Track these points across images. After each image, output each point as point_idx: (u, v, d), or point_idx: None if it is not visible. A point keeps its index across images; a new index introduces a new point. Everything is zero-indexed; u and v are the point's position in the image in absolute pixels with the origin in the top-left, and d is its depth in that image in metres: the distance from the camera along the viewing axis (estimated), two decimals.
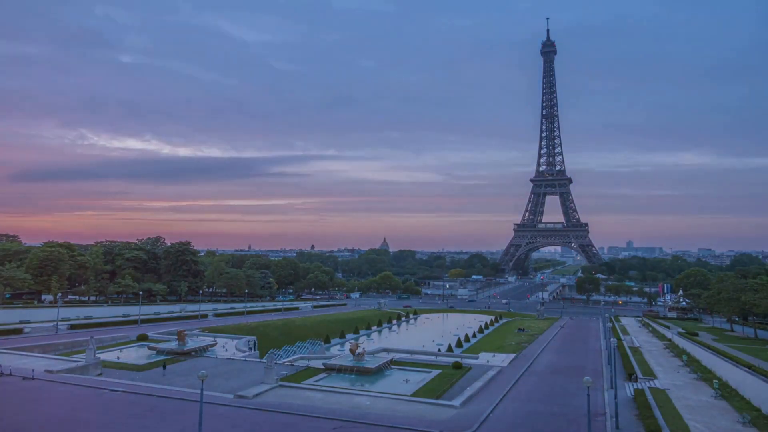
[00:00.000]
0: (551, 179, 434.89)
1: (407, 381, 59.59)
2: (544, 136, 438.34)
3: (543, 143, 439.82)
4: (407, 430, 38.30)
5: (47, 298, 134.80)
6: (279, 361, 66.20)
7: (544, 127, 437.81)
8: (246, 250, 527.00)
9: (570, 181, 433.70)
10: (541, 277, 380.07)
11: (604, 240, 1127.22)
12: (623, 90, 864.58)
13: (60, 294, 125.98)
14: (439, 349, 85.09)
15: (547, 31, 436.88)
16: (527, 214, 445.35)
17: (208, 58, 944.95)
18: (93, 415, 40.35)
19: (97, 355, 59.92)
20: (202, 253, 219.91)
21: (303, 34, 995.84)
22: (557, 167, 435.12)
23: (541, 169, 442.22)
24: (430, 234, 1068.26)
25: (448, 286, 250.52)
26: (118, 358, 68.33)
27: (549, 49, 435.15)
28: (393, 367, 67.28)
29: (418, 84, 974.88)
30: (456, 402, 47.32)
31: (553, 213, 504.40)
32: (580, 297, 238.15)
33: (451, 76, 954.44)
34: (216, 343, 78.86)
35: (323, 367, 64.19)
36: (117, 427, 37.81)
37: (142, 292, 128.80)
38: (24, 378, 50.89)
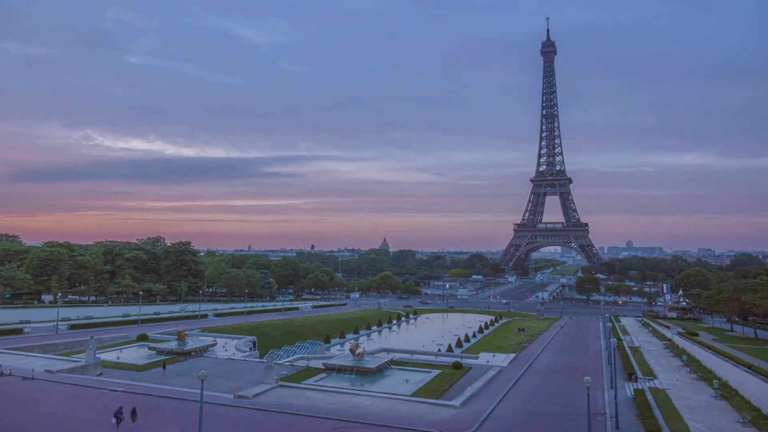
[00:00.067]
0: (551, 179, 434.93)
1: (407, 381, 59.59)
2: (544, 136, 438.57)
3: (543, 143, 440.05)
4: (407, 430, 38.30)
5: (47, 298, 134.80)
6: (279, 361, 66.24)
7: (544, 127, 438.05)
8: (246, 250, 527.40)
9: (570, 181, 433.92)
10: (541, 278, 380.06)
11: (604, 240, 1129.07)
12: (625, 90, 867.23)
13: (60, 294, 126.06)
14: (439, 349, 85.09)
15: (547, 31, 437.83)
16: (527, 214, 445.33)
17: (216, 60, 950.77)
18: (93, 415, 40.36)
19: (97, 355, 59.96)
20: (202, 253, 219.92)
21: (311, 35, 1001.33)
22: (557, 167, 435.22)
23: (541, 169, 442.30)
24: (430, 234, 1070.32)
25: (448, 286, 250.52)
26: (118, 358, 68.35)
27: (549, 49, 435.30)
28: (393, 367, 67.28)
29: (422, 85, 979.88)
30: (456, 402, 47.32)
31: (553, 213, 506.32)
32: (580, 297, 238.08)
33: (455, 76, 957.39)
34: (216, 343, 78.89)
35: (323, 367, 64.19)
36: (117, 427, 37.80)
37: (142, 292, 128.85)
38: (24, 378, 50.91)
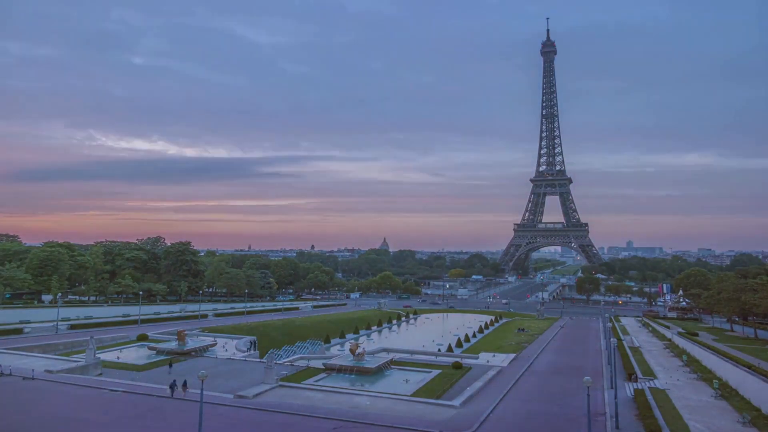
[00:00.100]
0: (551, 179, 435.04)
1: (407, 381, 59.57)
2: (544, 136, 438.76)
3: (543, 143, 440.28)
4: (407, 430, 38.29)
5: (47, 298, 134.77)
6: (279, 361, 66.25)
7: (544, 127, 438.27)
8: (246, 250, 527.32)
9: (570, 181, 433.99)
10: (541, 278, 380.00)
11: (604, 240, 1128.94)
12: (626, 91, 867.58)
13: (60, 294, 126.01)
14: (439, 349, 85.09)
15: (547, 31, 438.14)
16: (527, 214, 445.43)
17: (219, 60, 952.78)
18: (93, 415, 40.36)
19: (97, 355, 59.95)
20: (202, 253, 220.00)
21: (313, 36, 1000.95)
22: (557, 167, 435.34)
23: (541, 169, 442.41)
24: (430, 234, 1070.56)
25: (448, 286, 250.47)
26: (118, 358, 68.33)
27: (549, 49, 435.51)
28: (393, 367, 67.26)
29: (424, 85, 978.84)
30: (456, 402, 47.31)
31: (553, 213, 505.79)
32: (580, 297, 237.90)
33: (456, 77, 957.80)
34: (216, 343, 78.87)
35: (323, 367, 64.17)
36: (117, 427, 37.84)
37: (142, 292, 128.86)
38: (24, 378, 50.88)
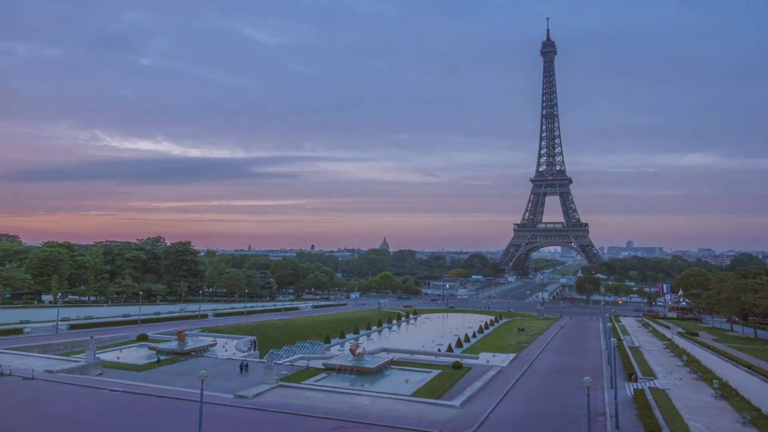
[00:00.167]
0: (551, 179, 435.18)
1: (407, 381, 59.54)
2: (544, 136, 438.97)
3: (543, 143, 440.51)
4: (407, 430, 38.26)
5: (47, 298, 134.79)
6: (279, 361, 66.24)
7: (544, 127, 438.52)
8: (246, 250, 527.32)
9: (570, 181, 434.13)
10: (541, 277, 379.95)
11: (604, 240, 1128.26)
12: (628, 91, 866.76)
13: (60, 294, 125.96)
14: (439, 349, 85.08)
15: (547, 31, 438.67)
16: (527, 214, 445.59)
17: (225, 61, 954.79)
18: (93, 415, 40.33)
19: (97, 355, 59.89)
20: (202, 253, 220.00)
21: (320, 37, 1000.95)
22: (557, 167, 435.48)
23: (541, 169, 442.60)
24: (430, 234, 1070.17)
25: (448, 286, 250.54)
26: (118, 358, 68.30)
27: (549, 49, 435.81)
28: (393, 367, 67.23)
29: (428, 86, 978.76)
30: (456, 402, 47.29)
31: (553, 213, 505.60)
32: (580, 297, 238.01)
33: (459, 77, 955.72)
34: (216, 343, 78.84)
35: (323, 367, 64.15)
36: (117, 427, 37.81)
37: (142, 292, 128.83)
38: (24, 378, 50.84)
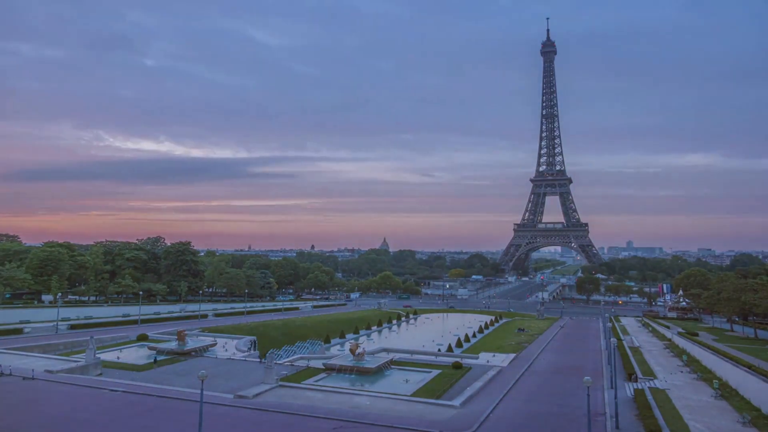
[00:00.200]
0: (551, 179, 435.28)
1: (407, 381, 59.54)
2: (544, 136, 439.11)
3: (543, 143, 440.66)
4: (407, 430, 38.25)
5: (47, 298, 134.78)
6: (279, 361, 66.19)
7: (544, 127, 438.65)
8: (246, 250, 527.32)
9: (570, 181, 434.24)
10: (541, 277, 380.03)
11: (604, 240, 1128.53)
12: (630, 92, 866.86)
13: (60, 294, 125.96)
14: (439, 349, 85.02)
15: (547, 31, 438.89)
16: (527, 214, 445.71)
17: (229, 62, 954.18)
18: (93, 415, 40.33)
19: (97, 355, 59.88)
20: (202, 253, 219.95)
21: (324, 37, 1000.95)
22: (557, 167, 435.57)
23: (541, 169, 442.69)
24: (430, 234, 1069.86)
25: (448, 286, 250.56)
26: (118, 358, 68.31)
27: (549, 49, 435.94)
28: (393, 367, 67.24)
29: (431, 86, 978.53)
30: (456, 402, 47.29)
31: (553, 213, 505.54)
32: (580, 297, 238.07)
33: (463, 78, 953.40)
34: (216, 343, 78.85)
35: (323, 367, 64.14)
36: (117, 427, 37.81)
37: (142, 292, 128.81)
38: (24, 378, 50.83)
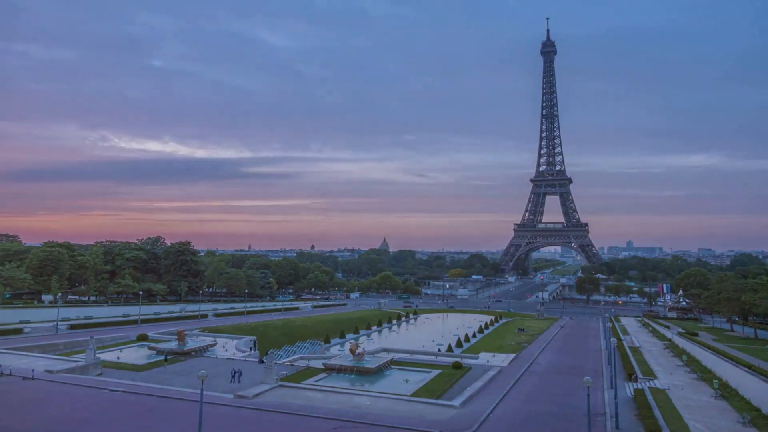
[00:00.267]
0: (551, 179, 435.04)
1: (407, 381, 59.58)
2: (544, 136, 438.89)
3: (543, 143, 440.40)
4: (407, 430, 38.26)
5: (47, 298, 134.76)
6: (279, 361, 66.22)
7: (544, 127, 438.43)
8: (246, 250, 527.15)
9: (570, 181, 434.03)
10: (541, 277, 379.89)
11: (604, 240, 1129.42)
12: (632, 93, 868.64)
13: (60, 294, 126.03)
14: (439, 349, 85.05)
15: (547, 31, 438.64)
16: (527, 214, 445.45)
17: (237, 63, 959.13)
18: (93, 415, 40.33)
19: (97, 355, 59.91)
20: (202, 253, 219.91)
21: (333, 40, 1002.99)
22: (557, 167, 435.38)
23: (541, 169, 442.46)
24: (430, 234, 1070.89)
25: (448, 286, 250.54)
26: (118, 358, 68.32)
27: (549, 49, 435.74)
28: (393, 367, 67.27)
29: (436, 87, 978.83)
30: (456, 402, 47.30)
31: (553, 213, 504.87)
32: (580, 297, 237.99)
33: (470, 78, 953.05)
34: (216, 343, 78.87)
35: (323, 367, 64.16)
36: (117, 427, 37.81)
37: (142, 292, 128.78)
38: (24, 378, 50.84)
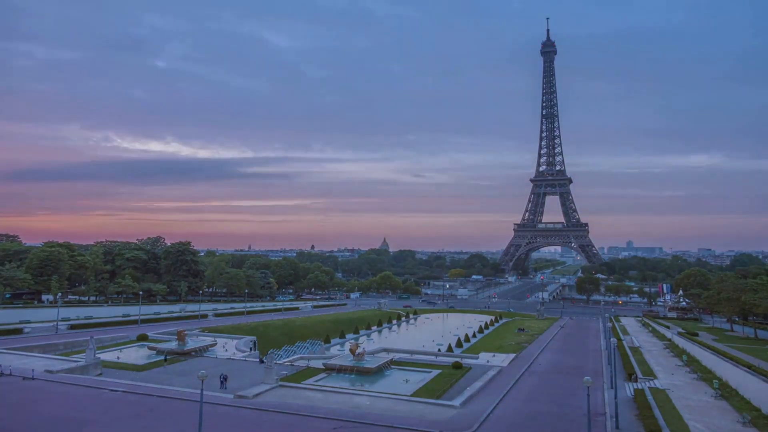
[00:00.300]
0: (551, 179, 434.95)
1: (407, 381, 59.58)
2: (544, 136, 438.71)
3: (543, 143, 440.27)
4: (407, 430, 38.27)
5: (47, 298, 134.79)
6: (279, 361, 66.22)
7: (544, 127, 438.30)
8: (246, 250, 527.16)
9: (570, 181, 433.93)
10: (541, 277, 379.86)
11: (604, 240, 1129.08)
12: (632, 93, 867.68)
13: (60, 294, 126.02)
14: (439, 349, 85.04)
15: (547, 31, 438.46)
16: (527, 214, 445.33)
17: (240, 63, 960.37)
18: (93, 415, 40.33)
19: (97, 355, 59.91)
20: (202, 253, 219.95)
21: (336, 40, 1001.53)
22: (557, 167, 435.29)
23: (541, 169, 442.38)
24: (430, 234, 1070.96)
25: (448, 286, 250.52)
26: (118, 358, 68.33)
27: (549, 49, 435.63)
28: (393, 367, 67.27)
29: (438, 87, 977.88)
30: (456, 402, 47.30)
31: (553, 213, 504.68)
32: (580, 297, 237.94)
33: (472, 79, 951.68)
34: (216, 343, 78.87)
35: (323, 367, 64.17)
36: (117, 427, 37.83)
37: (142, 292, 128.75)
38: (24, 378, 50.86)
